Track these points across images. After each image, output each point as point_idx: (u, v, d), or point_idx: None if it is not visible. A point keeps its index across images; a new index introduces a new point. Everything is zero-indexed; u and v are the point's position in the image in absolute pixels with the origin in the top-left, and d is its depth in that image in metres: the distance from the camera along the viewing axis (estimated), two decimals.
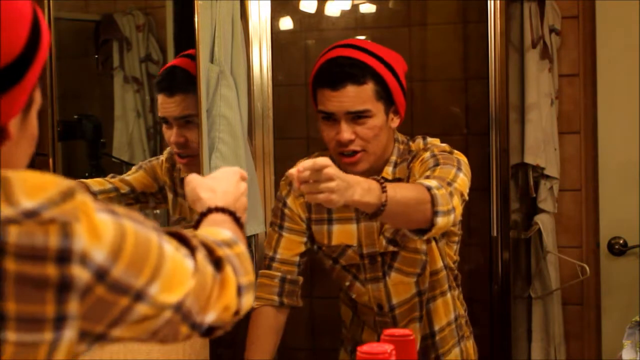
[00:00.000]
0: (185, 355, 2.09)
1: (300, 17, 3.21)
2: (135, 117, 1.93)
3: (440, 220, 1.66)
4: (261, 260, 2.17)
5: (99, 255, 0.83)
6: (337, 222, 1.96)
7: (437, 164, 1.81)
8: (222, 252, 1.05)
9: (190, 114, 2.03)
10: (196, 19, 2.03)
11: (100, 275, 0.83)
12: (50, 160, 1.59)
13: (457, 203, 1.71)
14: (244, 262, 1.08)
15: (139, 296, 0.88)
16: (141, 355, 1.80)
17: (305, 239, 1.99)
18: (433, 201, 1.65)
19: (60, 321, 0.81)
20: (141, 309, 0.89)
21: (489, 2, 2.70)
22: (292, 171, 1.49)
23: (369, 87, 1.81)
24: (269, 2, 2.60)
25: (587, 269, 2.82)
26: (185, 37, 2.04)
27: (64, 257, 0.80)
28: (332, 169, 1.47)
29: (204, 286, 0.99)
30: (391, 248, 1.92)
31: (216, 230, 1.13)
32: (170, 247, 0.94)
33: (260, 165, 2.64)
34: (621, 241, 2.88)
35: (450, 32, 3.20)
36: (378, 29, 3.23)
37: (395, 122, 1.90)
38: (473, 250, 2.88)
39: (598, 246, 2.92)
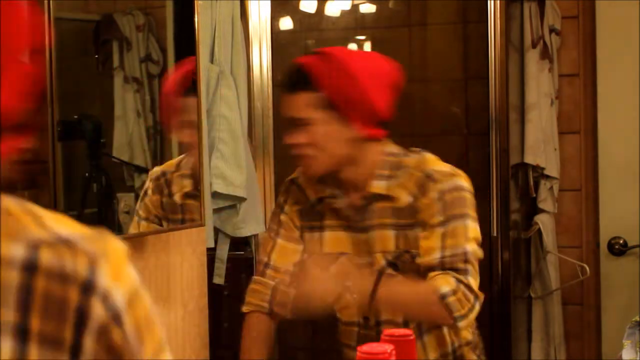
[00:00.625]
0: (186, 355, 2.09)
1: (300, 17, 3.21)
2: (135, 117, 1.92)
3: (465, 324, 1.76)
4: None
5: (119, 297, 0.81)
6: (328, 229, 1.91)
7: (446, 220, 1.77)
8: None
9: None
10: (196, 19, 2.03)
11: (116, 318, 0.81)
12: (50, 160, 1.59)
13: (474, 287, 1.75)
14: None
15: None
16: None
17: (301, 247, 1.94)
18: (449, 309, 1.72)
19: (75, 350, 0.79)
20: None
21: (489, 2, 2.70)
22: None
23: (311, 95, 1.78)
24: (269, 2, 2.60)
25: (587, 269, 2.82)
26: (185, 37, 2.04)
27: (88, 287, 0.79)
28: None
29: None
30: (389, 271, 1.84)
31: None
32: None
33: (260, 165, 2.64)
34: (621, 241, 2.88)
35: (450, 32, 3.20)
36: (378, 29, 3.23)
37: (372, 134, 1.82)
38: None
39: (598, 246, 2.92)
